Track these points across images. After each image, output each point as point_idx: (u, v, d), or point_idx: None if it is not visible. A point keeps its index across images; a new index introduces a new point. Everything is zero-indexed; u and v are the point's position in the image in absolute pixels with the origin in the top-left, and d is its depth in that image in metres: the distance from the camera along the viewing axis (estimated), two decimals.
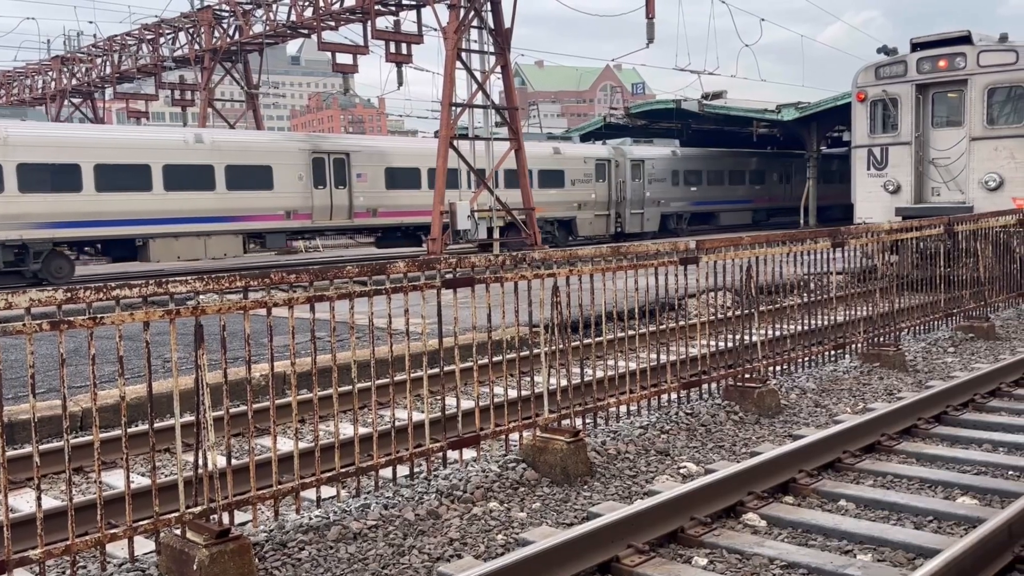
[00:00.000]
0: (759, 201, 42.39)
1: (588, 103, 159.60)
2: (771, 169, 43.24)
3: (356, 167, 27.41)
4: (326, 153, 26.96)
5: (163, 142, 24.20)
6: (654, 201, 36.53)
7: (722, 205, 40.21)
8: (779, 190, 43.44)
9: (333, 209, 27.03)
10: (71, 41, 39.49)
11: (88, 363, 4.27)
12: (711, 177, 39.62)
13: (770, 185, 43.11)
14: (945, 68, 16.55)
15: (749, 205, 41.80)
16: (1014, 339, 11.38)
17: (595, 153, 34.88)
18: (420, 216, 28.65)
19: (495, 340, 6.31)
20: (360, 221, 28.18)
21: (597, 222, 34.09)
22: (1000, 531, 4.38)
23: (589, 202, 33.77)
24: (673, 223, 37.86)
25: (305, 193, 26.40)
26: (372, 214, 28.03)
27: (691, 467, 6.23)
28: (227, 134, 27.44)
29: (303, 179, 26.30)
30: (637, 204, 35.80)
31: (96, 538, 4.23)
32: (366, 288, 5.31)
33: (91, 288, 4.18)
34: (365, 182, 27.67)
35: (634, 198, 35.67)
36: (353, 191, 27.39)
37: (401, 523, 5.19)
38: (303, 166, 26.31)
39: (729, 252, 7.95)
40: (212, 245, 24.80)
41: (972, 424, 7.14)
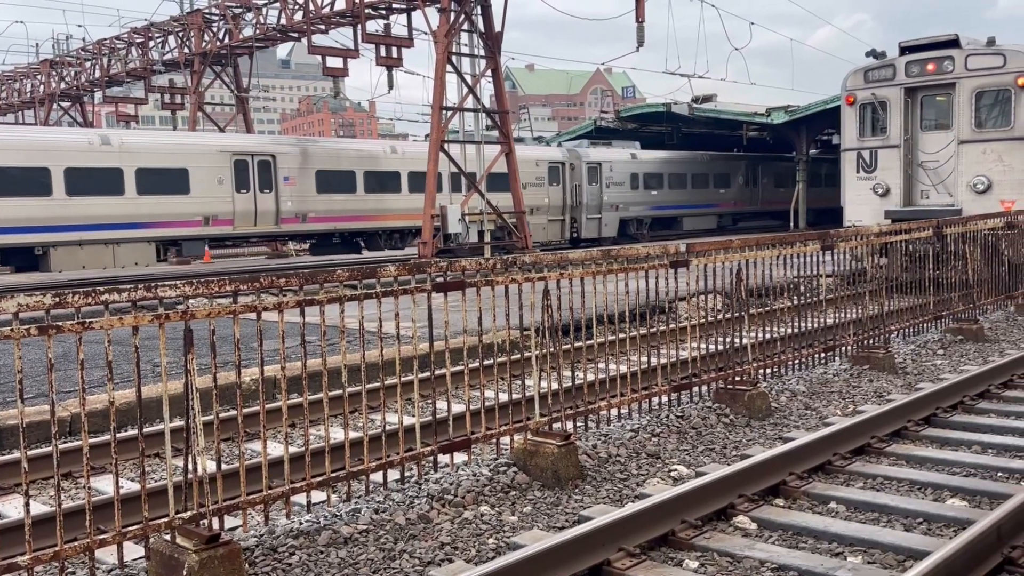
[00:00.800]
0: (724, 205, 41.25)
1: (579, 107, 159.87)
2: (736, 172, 42.06)
3: (283, 169, 26.00)
4: (249, 155, 25.48)
5: (65, 144, 22.76)
6: (612, 206, 35.25)
7: (685, 210, 39.02)
8: (746, 194, 42.36)
9: (258, 214, 25.62)
10: (60, 45, 39.40)
11: (77, 368, 4.25)
12: (672, 181, 38.38)
13: (736, 188, 41.88)
14: (933, 72, 16.63)
15: (714, 209, 40.67)
16: (1003, 341, 11.44)
17: (547, 155, 33.73)
18: (357, 221, 27.68)
19: (486, 343, 6.30)
20: (288, 227, 26.75)
21: (551, 227, 32.76)
22: (989, 533, 4.40)
23: (541, 207, 32.33)
24: (633, 228, 36.67)
25: (225, 197, 24.92)
26: (302, 219, 26.66)
27: (682, 470, 6.24)
28: (138, 135, 26.06)
29: (223, 182, 24.82)
30: (594, 209, 34.54)
31: (85, 544, 4.21)
32: (356, 292, 5.30)
33: (80, 293, 4.16)
34: (293, 185, 26.29)
35: (591, 203, 34.41)
36: (280, 195, 25.97)
37: (392, 527, 5.18)
38: (224, 169, 24.83)
39: (719, 255, 7.97)
40: (121, 254, 23.34)
41: (961, 426, 7.17)
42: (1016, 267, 13.32)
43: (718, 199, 40.70)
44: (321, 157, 27.15)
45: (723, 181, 40.90)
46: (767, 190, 43.17)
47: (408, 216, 28.51)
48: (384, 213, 28.31)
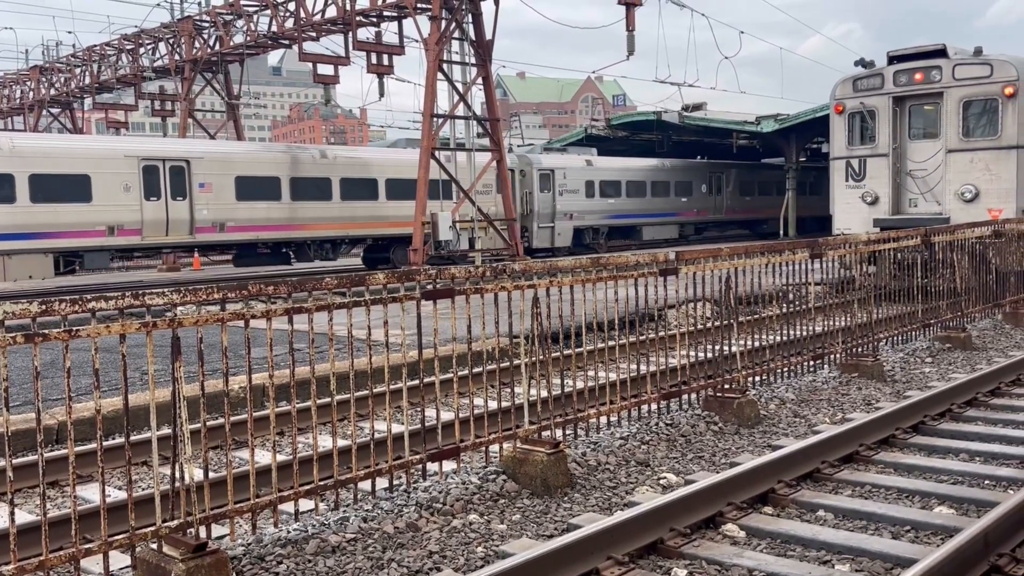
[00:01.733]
0: (686, 214, 39.81)
1: (570, 115, 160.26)
2: (699, 180, 40.59)
3: (199, 176, 24.33)
4: (160, 160, 23.78)
5: None
6: (566, 214, 33.67)
7: (644, 219, 37.42)
8: (709, 202, 40.92)
9: (169, 224, 23.89)
10: (50, 51, 39.28)
11: (64, 376, 4.23)
12: (631, 188, 36.79)
13: (699, 197, 40.39)
14: (921, 81, 16.73)
15: (675, 219, 39.20)
16: (990, 349, 11.49)
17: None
18: (282, 231, 26.10)
19: (475, 351, 6.30)
20: (204, 237, 24.91)
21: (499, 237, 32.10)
22: (976, 540, 4.41)
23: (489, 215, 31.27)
24: (588, 238, 35.08)
25: (133, 206, 23.18)
26: (219, 229, 24.91)
27: (671, 478, 6.24)
28: (31, 139, 24.89)
29: (130, 190, 23.12)
30: (546, 217, 33.01)
31: (70, 553, 4.18)
32: (345, 300, 5.30)
33: (67, 300, 4.14)
34: (210, 193, 24.54)
35: (543, 211, 32.86)
36: (195, 203, 24.22)
37: (380, 536, 5.17)
38: (131, 175, 23.16)
39: (708, 263, 7.99)
40: (14, 266, 21.72)
41: (949, 434, 7.19)
42: (1003, 275, 13.39)
43: (680, 208, 39.42)
44: (242, 162, 25.53)
45: (685, 189, 39.59)
46: (732, 198, 41.98)
47: (341, 225, 27.23)
48: (314, 222, 26.72)
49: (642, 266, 7.34)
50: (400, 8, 25.17)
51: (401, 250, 28.15)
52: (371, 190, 27.76)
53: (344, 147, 33.60)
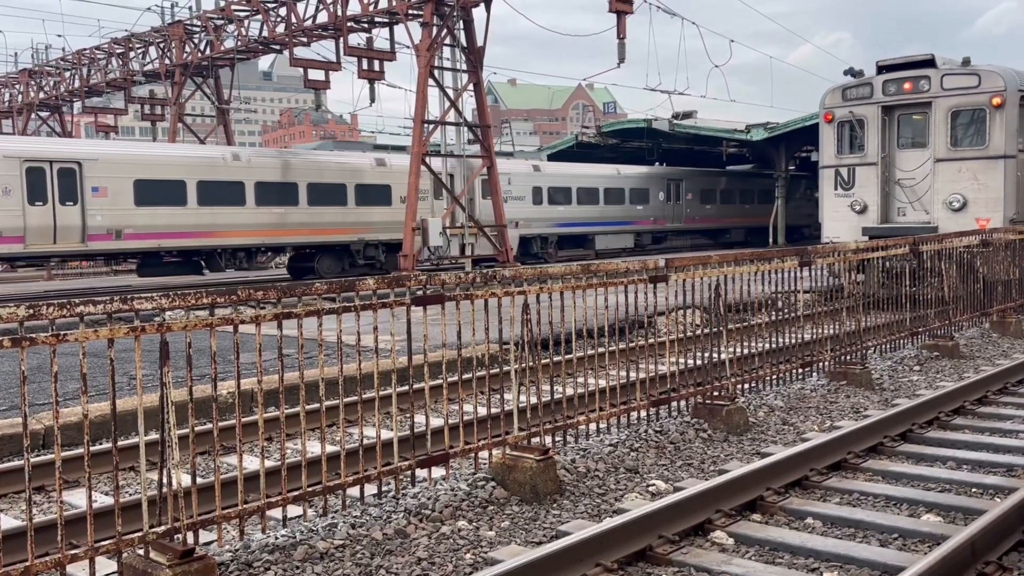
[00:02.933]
0: (642, 223, 38.34)
1: (560, 121, 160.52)
2: (657, 187, 39.18)
3: (93, 179, 22.50)
4: (47, 162, 22.04)
5: None
6: (511, 222, 31.32)
7: (597, 227, 35.97)
8: (668, 210, 39.64)
9: (58, 231, 22.09)
10: (39, 54, 39.12)
11: (51, 380, 4.21)
12: (582, 195, 35.22)
13: (656, 204, 39.08)
14: (910, 91, 16.83)
15: (630, 227, 37.71)
16: (978, 358, 11.55)
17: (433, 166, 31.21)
18: (189, 238, 24.32)
19: (465, 357, 6.30)
20: (99, 245, 23.06)
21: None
22: (964, 548, 4.43)
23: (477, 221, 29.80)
24: (536, 247, 33.71)
25: (14, 211, 21.48)
26: (116, 236, 23.04)
27: (660, 485, 6.24)
28: None
29: (10, 193, 21.41)
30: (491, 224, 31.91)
31: (56, 559, 4.16)
32: (335, 305, 5.29)
33: (55, 304, 4.12)
34: (105, 197, 22.80)
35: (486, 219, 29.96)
36: (87, 209, 22.40)
37: (368, 542, 5.15)
38: (11, 177, 21.46)
39: (698, 271, 8.01)
40: None
41: (937, 442, 7.22)
42: (991, 284, 13.46)
43: (635, 216, 37.96)
44: (142, 164, 23.68)
45: (640, 197, 38.24)
46: (692, 206, 40.83)
47: (256, 232, 25.60)
48: (225, 229, 24.95)
49: (632, 273, 7.35)
50: (391, 14, 25.19)
51: (328, 259, 27.04)
52: (291, 195, 26.24)
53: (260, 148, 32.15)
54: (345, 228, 27.17)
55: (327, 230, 26.67)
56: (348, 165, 27.65)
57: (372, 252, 28.03)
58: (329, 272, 27.00)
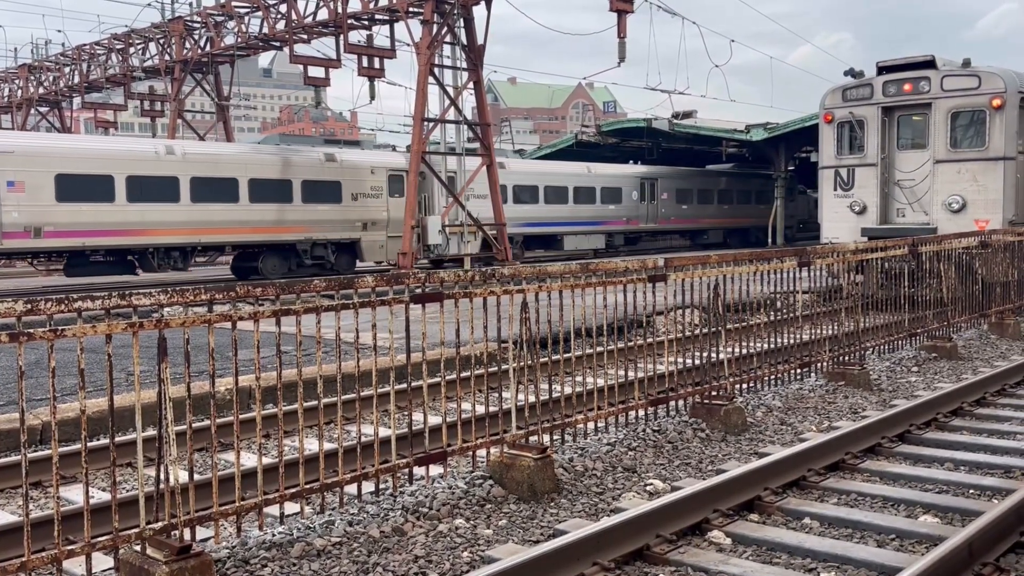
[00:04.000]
0: (614, 223, 36.91)
1: (560, 120, 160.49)
2: (629, 186, 37.70)
3: (7, 173, 21.19)
4: None
5: None
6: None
7: (566, 227, 34.46)
8: (641, 210, 38.15)
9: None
10: (39, 49, 39.10)
11: (49, 375, 4.20)
12: (550, 194, 33.66)
13: (629, 204, 37.58)
14: (910, 92, 16.83)
15: (601, 227, 36.23)
16: (976, 359, 11.55)
17: (387, 162, 28.68)
18: (117, 237, 22.90)
19: (464, 356, 6.29)
20: (14, 243, 21.57)
21: (393, 245, 27.98)
22: (961, 549, 4.43)
23: (380, 221, 27.73)
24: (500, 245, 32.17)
25: None
26: (34, 234, 21.62)
27: (658, 484, 6.24)
28: None
29: None
30: None
31: (53, 555, 4.15)
32: (333, 302, 5.28)
33: (52, 300, 4.12)
34: (22, 193, 21.37)
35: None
36: (2, 204, 21.14)
37: (366, 540, 5.15)
38: None
39: (697, 270, 8.01)
40: None
41: (934, 443, 7.22)
42: (989, 286, 13.47)
43: (607, 216, 36.49)
44: (64, 158, 22.21)
45: (613, 196, 36.75)
46: (668, 206, 39.50)
47: (191, 231, 24.09)
48: (157, 227, 23.47)
49: (631, 272, 7.35)
50: (392, 12, 25.18)
51: (273, 259, 25.72)
52: (230, 191, 24.71)
53: (197, 142, 29.64)
54: (291, 227, 25.77)
55: (271, 228, 25.30)
56: (294, 160, 26.19)
57: (321, 252, 26.71)
58: (273, 273, 25.65)
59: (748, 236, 43.11)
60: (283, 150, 26.82)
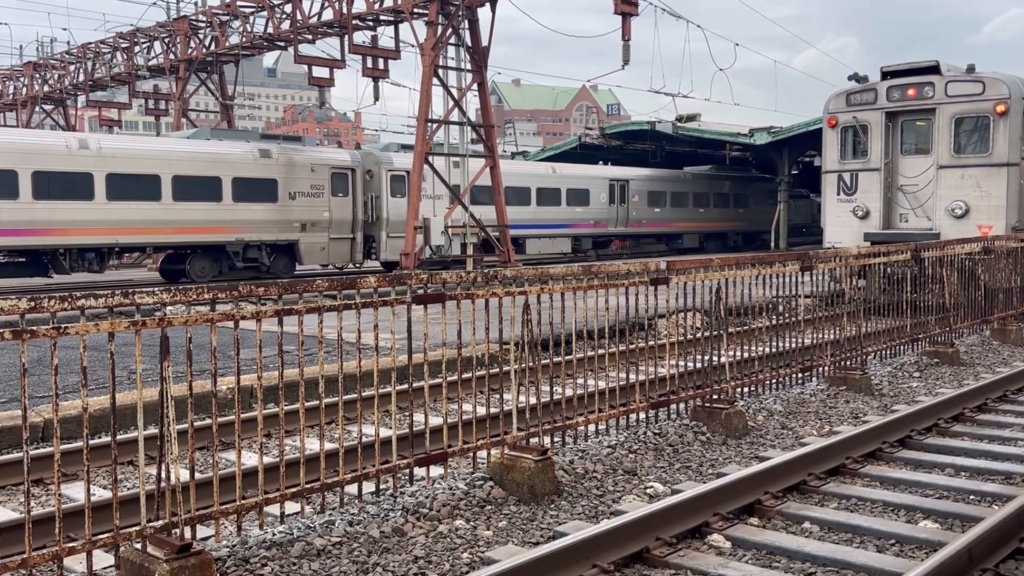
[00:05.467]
0: (581, 226, 35.29)
1: (564, 122, 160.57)
2: (598, 187, 35.95)
3: None
4: None
5: None
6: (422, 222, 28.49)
7: (528, 230, 32.66)
8: (611, 213, 36.53)
9: None
10: (44, 47, 39.17)
11: (51, 373, 4.21)
12: (511, 195, 30.97)
13: (598, 207, 35.86)
14: (914, 97, 16.82)
15: (567, 231, 34.63)
16: (977, 365, 11.54)
17: (329, 159, 27.17)
18: (20, 236, 21.30)
19: (465, 357, 6.30)
20: None
21: (336, 247, 26.77)
22: (960, 555, 4.43)
23: (321, 222, 26.34)
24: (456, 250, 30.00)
25: None
26: None
27: (658, 487, 6.24)
28: None
29: None
30: (400, 226, 27.36)
31: (54, 552, 4.16)
32: (336, 302, 5.29)
33: (55, 298, 4.13)
34: None
35: (396, 219, 27.59)
36: None
37: (366, 540, 5.15)
38: None
39: (699, 273, 8.01)
40: None
41: (935, 448, 7.22)
42: (992, 292, 13.46)
43: (574, 219, 34.83)
44: None
45: (580, 198, 34.98)
46: (639, 209, 37.89)
47: (107, 230, 22.48)
48: (68, 227, 21.90)
49: (633, 275, 7.36)
50: (397, 12, 25.20)
51: (202, 262, 24.43)
52: (152, 189, 23.10)
53: (115, 136, 27.85)
54: (220, 227, 24.21)
55: (198, 229, 23.77)
56: (223, 156, 24.41)
57: (254, 254, 25.18)
58: (202, 276, 24.25)
59: (726, 240, 41.99)
60: (213, 145, 24.96)
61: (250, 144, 25.53)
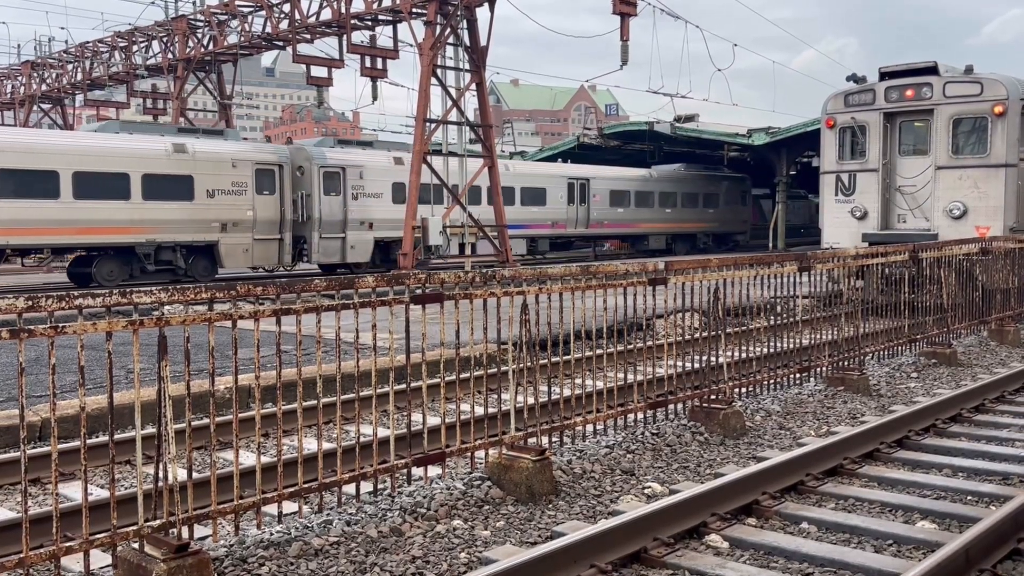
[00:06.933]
0: (537, 227, 33.80)
1: (562, 123, 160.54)
2: (555, 186, 34.39)
3: None
4: None
5: None
6: (363, 223, 27.20)
7: None
8: (570, 213, 35.07)
9: None
10: (42, 46, 39.11)
11: (49, 372, 4.21)
12: None
13: (555, 206, 34.31)
14: (912, 98, 16.83)
15: (521, 231, 32.95)
16: (975, 366, 11.55)
17: (253, 154, 25.57)
18: None
19: (463, 357, 6.30)
20: None
21: (261, 249, 25.21)
22: (957, 556, 4.43)
23: (243, 222, 24.73)
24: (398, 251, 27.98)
25: None
26: None
27: (656, 487, 6.25)
28: None
29: None
30: (334, 226, 26.53)
31: (51, 551, 4.16)
32: (334, 302, 5.29)
33: (53, 297, 4.13)
34: None
35: (330, 218, 26.42)
36: None
37: (363, 540, 5.15)
38: None
39: (697, 274, 8.01)
40: None
41: (933, 449, 7.23)
42: (990, 292, 13.47)
43: (529, 219, 33.24)
44: None
45: (536, 197, 33.46)
46: (600, 209, 36.28)
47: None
48: None
49: (631, 275, 7.36)
50: (395, 12, 25.20)
51: (110, 264, 22.78)
52: (48, 186, 21.42)
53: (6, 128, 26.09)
54: (128, 227, 22.52)
55: (103, 229, 22.05)
56: (132, 150, 22.74)
57: (168, 256, 23.64)
58: (110, 280, 22.59)
59: (695, 242, 40.72)
60: (120, 139, 23.21)
61: (163, 138, 23.98)
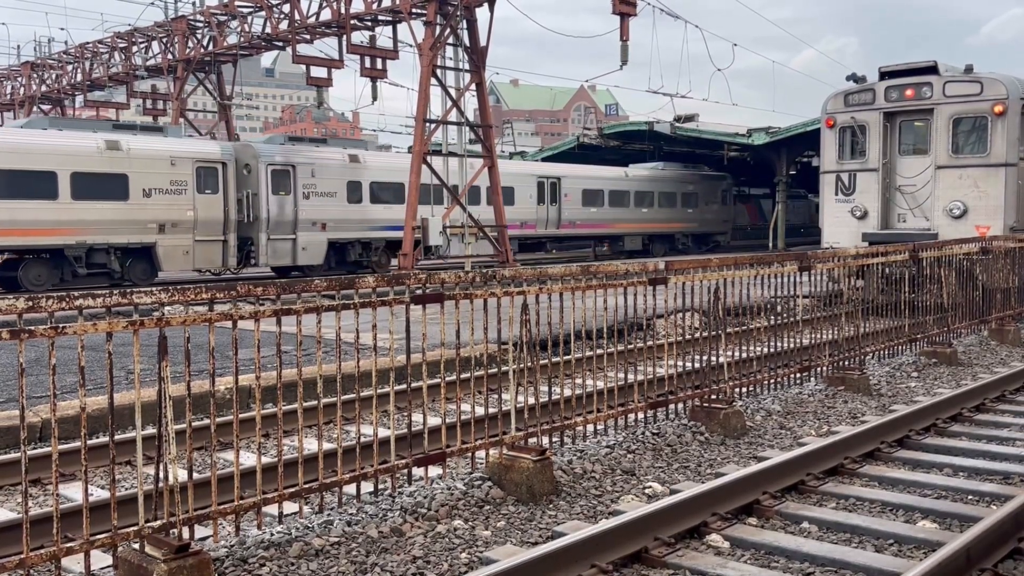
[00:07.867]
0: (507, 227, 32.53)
1: (562, 123, 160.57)
2: (524, 185, 33.14)
3: None
4: None
5: None
6: (315, 223, 26.22)
7: None
8: (540, 213, 33.94)
9: None
10: (42, 47, 39.12)
11: (49, 373, 4.21)
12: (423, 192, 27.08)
13: (524, 206, 33.00)
14: (912, 97, 16.83)
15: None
16: (975, 365, 11.55)
17: (194, 152, 24.31)
18: None
19: (464, 357, 6.30)
20: None
21: (203, 251, 24.12)
22: (958, 555, 4.43)
23: (183, 222, 23.58)
24: (355, 254, 27.55)
25: None
26: None
27: (656, 487, 6.24)
28: None
29: None
30: (284, 227, 25.54)
31: (51, 552, 4.16)
32: (334, 302, 5.29)
33: (53, 297, 4.13)
34: None
35: (279, 219, 25.43)
36: None
37: (364, 540, 5.15)
38: None
39: (698, 274, 8.01)
40: None
41: (934, 448, 7.23)
42: (990, 292, 13.47)
43: None
44: None
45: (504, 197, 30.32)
46: (572, 209, 35.03)
47: None
48: None
49: (632, 275, 7.36)
50: (395, 12, 25.20)
51: (38, 268, 21.67)
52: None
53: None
54: (56, 228, 21.33)
55: (27, 231, 20.83)
56: (60, 147, 21.51)
57: (101, 259, 22.43)
58: (38, 284, 21.42)
59: (674, 242, 39.92)
60: (47, 136, 22.03)
61: (95, 135, 22.69)
